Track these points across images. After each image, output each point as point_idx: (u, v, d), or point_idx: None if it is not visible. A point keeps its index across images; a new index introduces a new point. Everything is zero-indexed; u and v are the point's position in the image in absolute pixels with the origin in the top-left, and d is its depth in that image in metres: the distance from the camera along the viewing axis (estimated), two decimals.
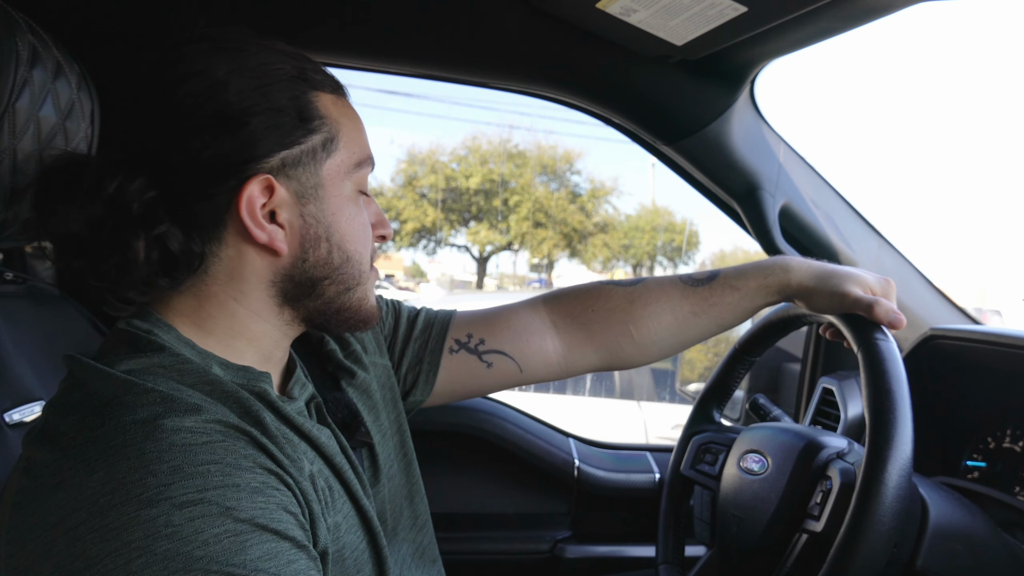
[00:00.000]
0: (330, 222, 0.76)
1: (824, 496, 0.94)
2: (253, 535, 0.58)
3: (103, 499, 0.56)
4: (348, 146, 0.77)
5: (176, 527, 0.55)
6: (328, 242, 0.76)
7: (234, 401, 0.68)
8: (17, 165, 0.87)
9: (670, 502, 1.22)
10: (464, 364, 1.05)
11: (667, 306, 1.06)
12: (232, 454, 0.61)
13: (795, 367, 1.76)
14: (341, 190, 0.77)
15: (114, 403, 0.62)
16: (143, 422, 0.60)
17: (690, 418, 1.24)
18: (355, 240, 0.78)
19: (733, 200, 1.44)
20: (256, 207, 0.71)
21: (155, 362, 0.68)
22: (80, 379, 0.67)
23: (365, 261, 0.80)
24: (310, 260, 0.75)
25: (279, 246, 0.73)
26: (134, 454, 0.58)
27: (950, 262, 18.69)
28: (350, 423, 0.87)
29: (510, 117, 25.13)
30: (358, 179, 0.79)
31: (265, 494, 0.61)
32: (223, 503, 0.57)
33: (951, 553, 0.94)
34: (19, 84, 0.84)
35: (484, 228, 20.07)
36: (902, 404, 0.86)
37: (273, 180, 0.71)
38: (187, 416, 0.61)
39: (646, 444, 1.91)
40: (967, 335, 1.28)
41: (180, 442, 0.59)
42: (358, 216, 0.78)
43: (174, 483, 0.57)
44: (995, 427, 1.22)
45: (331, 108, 0.77)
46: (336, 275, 0.77)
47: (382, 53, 1.33)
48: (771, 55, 1.19)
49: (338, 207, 0.76)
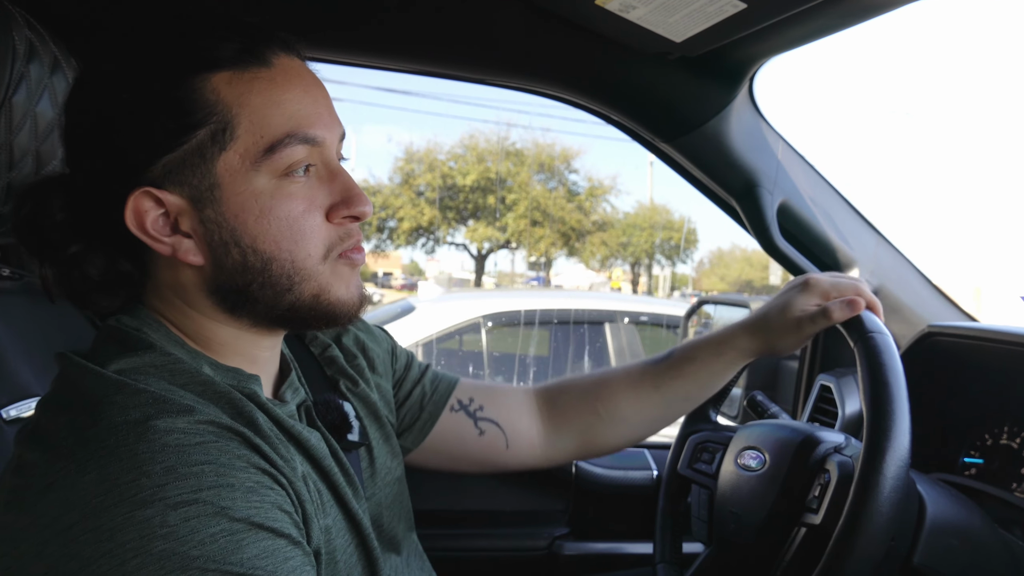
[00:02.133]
0: (234, 225, 0.68)
1: (822, 489, 0.94)
2: (249, 534, 0.58)
3: (96, 500, 0.55)
4: (252, 130, 0.67)
5: (171, 527, 0.55)
6: (238, 246, 0.68)
7: (226, 402, 0.67)
8: (13, 161, 0.86)
9: (667, 501, 1.22)
10: (459, 425, 1.05)
11: (629, 383, 1.10)
12: (225, 454, 0.60)
13: (792, 365, 1.76)
14: (247, 185, 0.67)
15: (105, 403, 0.61)
16: (135, 423, 0.59)
17: (687, 418, 1.24)
18: (274, 239, 0.68)
19: (731, 198, 1.44)
20: (147, 220, 0.67)
21: (146, 361, 0.67)
22: (71, 378, 0.66)
23: (301, 257, 0.70)
24: (227, 267, 0.69)
25: (188, 258, 0.69)
26: (127, 455, 0.57)
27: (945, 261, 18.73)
28: (340, 425, 0.84)
29: (508, 115, 25.14)
30: (276, 164, 0.67)
31: (259, 493, 0.60)
32: (218, 503, 0.57)
33: (948, 549, 0.94)
34: (16, 79, 0.84)
35: (482, 226, 20.06)
36: (899, 397, 0.86)
37: (155, 191, 0.66)
38: (179, 417, 0.60)
39: (644, 441, 1.91)
40: (965, 332, 1.28)
41: (173, 443, 0.58)
42: (276, 210, 0.68)
43: (168, 484, 0.56)
44: (992, 424, 1.22)
45: (224, 90, 0.66)
46: (263, 278, 0.69)
47: (381, 50, 1.33)
48: (770, 52, 1.19)
49: (242, 206, 0.67)
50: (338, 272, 0.73)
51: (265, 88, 0.68)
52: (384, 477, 0.93)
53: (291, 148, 0.68)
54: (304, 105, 0.70)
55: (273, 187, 0.68)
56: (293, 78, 0.70)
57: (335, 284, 0.73)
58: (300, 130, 0.68)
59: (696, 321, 2.52)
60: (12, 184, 0.87)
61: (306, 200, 0.70)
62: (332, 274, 0.73)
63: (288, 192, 0.69)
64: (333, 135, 0.73)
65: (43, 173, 0.91)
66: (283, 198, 0.68)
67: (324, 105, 0.73)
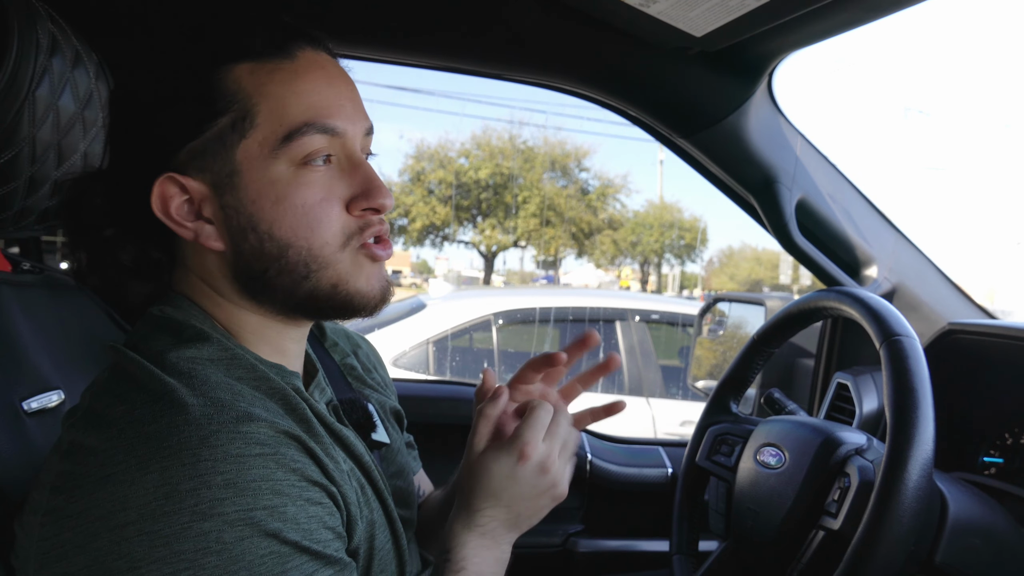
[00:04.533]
0: (251, 211, 0.69)
1: (842, 493, 0.93)
2: (293, 557, 0.60)
3: (155, 503, 0.57)
4: (271, 119, 0.68)
5: (226, 544, 0.57)
6: (255, 232, 0.69)
7: (281, 398, 0.69)
8: (36, 155, 0.87)
9: (685, 493, 1.21)
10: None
11: None
12: (282, 468, 0.61)
13: (808, 362, 1.75)
14: (265, 172, 0.68)
15: (166, 400, 0.62)
16: (198, 424, 0.60)
17: (706, 408, 1.23)
18: (290, 226, 0.69)
19: (749, 194, 1.43)
20: (172, 206, 0.69)
21: (204, 354, 0.68)
22: (128, 371, 0.66)
23: (318, 245, 0.70)
24: (245, 253, 0.70)
25: (210, 243, 0.70)
26: (189, 460, 0.58)
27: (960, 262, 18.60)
28: (364, 424, 0.86)
29: (520, 114, 25.13)
30: (293, 152, 0.68)
31: (308, 512, 0.62)
32: (270, 525, 0.59)
33: (971, 548, 0.93)
34: (39, 72, 0.84)
35: (489, 227, 20.04)
36: (924, 403, 0.85)
37: (179, 177, 0.68)
38: (241, 422, 0.61)
39: (658, 438, 1.91)
40: (985, 329, 1.27)
41: (234, 452, 0.59)
42: (292, 197, 0.69)
43: (227, 499, 0.57)
44: (1013, 423, 1.21)
45: (246, 80, 0.68)
46: (279, 264, 0.70)
47: (398, 46, 1.33)
48: (791, 47, 1.18)
49: (259, 192, 0.68)
50: (359, 263, 0.73)
51: (286, 78, 0.69)
52: (406, 476, 0.94)
53: (309, 137, 0.69)
54: (325, 96, 0.71)
55: (291, 175, 0.69)
56: (316, 70, 0.71)
57: (354, 275, 0.73)
58: (319, 120, 0.69)
59: (710, 319, 2.51)
60: (34, 178, 0.88)
61: (324, 189, 0.70)
62: (352, 264, 0.73)
63: (306, 181, 0.69)
64: (356, 128, 0.73)
65: (66, 166, 0.92)
66: (300, 186, 0.69)
67: (348, 98, 0.73)
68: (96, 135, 0.96)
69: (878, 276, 1.47)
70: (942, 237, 22.85)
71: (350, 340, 1.02)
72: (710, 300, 2.51)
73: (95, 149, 0.96)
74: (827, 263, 1.46)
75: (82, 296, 1.11)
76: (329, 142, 0.70)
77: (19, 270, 1.03)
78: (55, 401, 0.92)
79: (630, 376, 4.16)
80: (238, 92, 0.68)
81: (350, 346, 1.01)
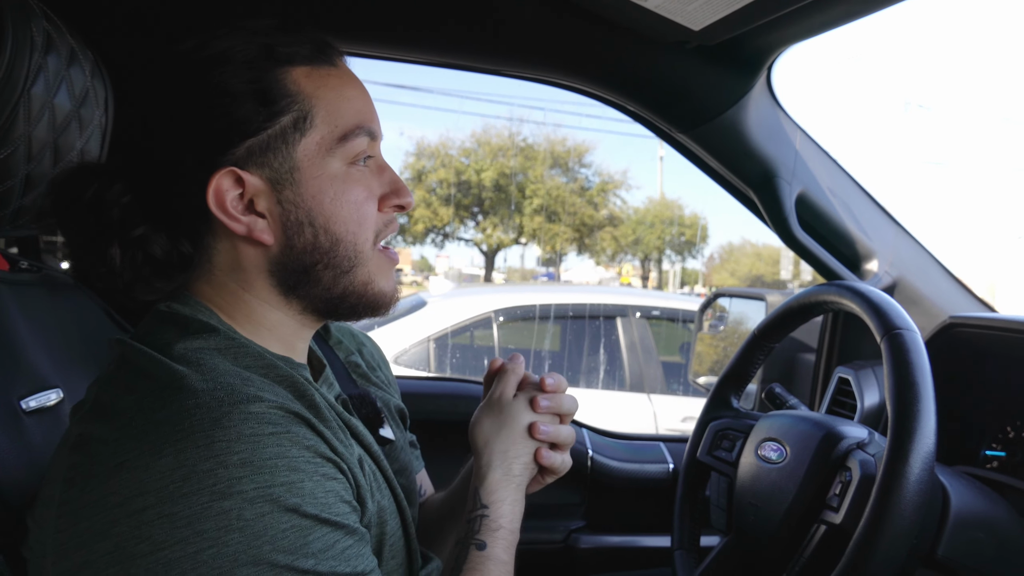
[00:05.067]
0: (310, 206, 0.72)
1: (843, 488, 0.93)
2: (315, 529, 0.61)
3: (173, 486, 0.57)
4: (328, 120, 0.73)
5: (247, 521, 0.58)
6: (312, 226, 0.73)
7: (289, 384, 0.70)
8: (32, 153, 0.86)
9: (686, 488, 1.21)
10: None
11: None
12: (295, 445, 0.62)
13: (808, 357, 1.75)
14: (323, 169, 0.73)
15: (174, 386, 0.63)
16: (208, 408, 0.60)
17: (707, 403, 1.23)
18: (343, 220, 0.74)
19: (749, 188, 1.43)
20: (227, 200, 0.71)
21: (211, 344, 0.70)
22: (135, 362, 0.67)
23: (361, 240, 0.75)
24: (297, 247, 0.73)
25: (262, 237, 0.72)
26: (203, 441, 0.59)
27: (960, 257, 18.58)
28: (374, 419, 0.87)
29: (519, 111, 25.10)
30: (346, 152, 0.74)
31: (325, 487, 0.63)
32: (289, 500, 0.60)
33: (973, 541, 0.93)
34: (34, 70, 0.84)
35: (491, 225, 20.01)
36: (926, 397, 0.85)
37: (239, 171, 0.70)
38: (251, 403, 0.62)
39: (660, 434, 1.91)
40: (986, 323, 1.27)
41: (248, 432, 0.60)
42: (347, 194, 0.74)
43: (244, 477, 0.58)
44: (1014, 416, 1.21)
45: (304, 83, 0.73)
46: (328, 259, 0.74)
47: (397, 42, 1.32)
48: (790, 40, 1.17)
49: (319, 188, 0.72)
50: (380, 264, 0.78)
51: (337, 84, 0.75)
52: (408, 475, 0.95)
53: (359, 139, 0.74)
54: (365, 103, 0.77)
55: (344, 173, 0.74)
56: (354, 79, 0.78)
57: (379, 275, 0.78)
58: (366, 123, 0.75)
59: (711, 314, 2.51)
60: (31, 176, 0.87)
61: (367, 188, 0.76)
62: (376, 264, 0.77)
63: (356, 179, 0.75)
64: (382, 132, 0.79)
65: (63, 165, 0.91)
66: (352, 183, 0.74)
67: (373, 105, 0.80)
68: (93, 133, 0.95)
69: (879, 270, 1.46)
70: (943, 231, 22.82)
71: (355, 338, 1.03)
72: (710, 296, 2.51)
73: (91, 147, 0.96)
74: (827, 257, 1.46)
75: (80, 294, 1.11)
76: (370, 145, 0.76)
77: (17, 269, 1.03)
78: (54, 400, 0.92)
79: (631, 372, 4.17)
80: (298, 93, 0.72)
81: (355, 344, 1.02)
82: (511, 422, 0.85)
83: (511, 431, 0.85)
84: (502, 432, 0.85)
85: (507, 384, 0.88)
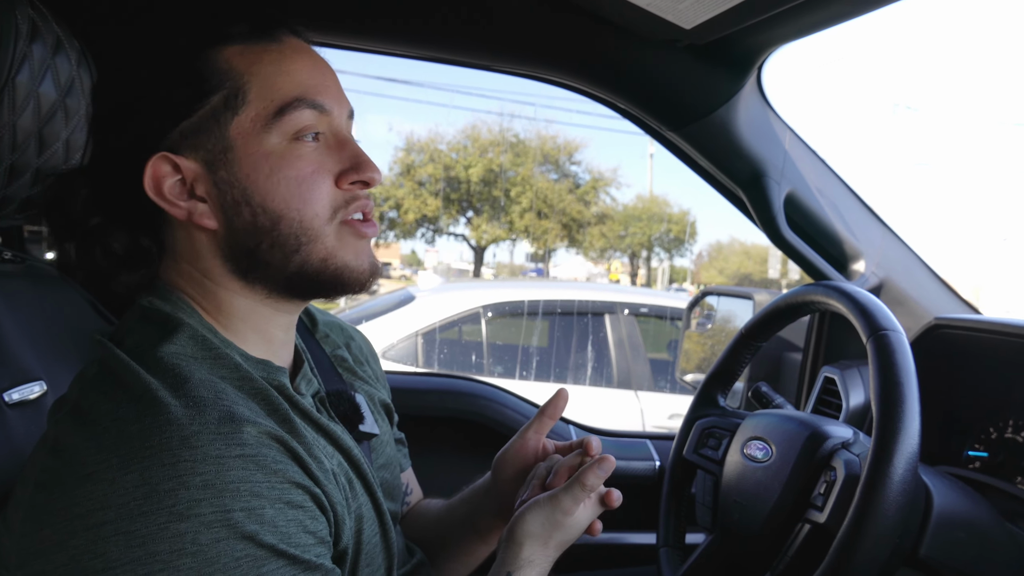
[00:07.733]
0: (245, 185, 0.70)
1: (828, 487, 0.93)
2: (269, 561, 0.60)
3: (134, 503, 0.56)
4: (262, 95, 0.70)
5: (201, 546, 0.56)
6: (249, 205, 0.70)
7: (263, 399, 0.69)
8: (16, 143, 0.85)
9: (672, 486, 1.21)
10: None
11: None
12: (262, 470, 0.61)
13: (795, 356, 1.76)
14: (259, 146, 0.70)
15: (147, 398, 0.62)
16: (179, 425, 0.59)
17: (694, 402, 1.23)
18: (282, 197, 0.70)
19: (738, 187, 1.43)
20: (164, 186, 0.70)
21: (188, 351, 0.69)
22: (112, 368, 0.66)
23: (308, 217, 0.71)
24: (238, 228, 0.71)
25: (204, 221, 0.71)
26: (169, 460, 0.58)
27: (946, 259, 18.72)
28: (352, 416, 0.86)
29: (510, 106, 25.05)
30: (285, 127, 0.71)
31: (287, 515, 0.62)
32: (247, 527, 0.58)
33: (955, 541, 0.93)
34: (19, 58, 0.83)
35: (484, 221, 19.96)
36: (910, 397, 0.85)
37: (173, 156, 0.70)
38: (222, 423, 0.61)
39: (646, 431, 1.91)
40: (971, 324, 1.28)
41: (215, 454, 0.59)
42: (285, 169, 0.71)
43: (204, 500, 0.57)
44: (997, 417, 1.22)
45: (236, 60, 0.71)
46: (272, 238, 0.71)
47: (386, 36, 1.32)
48: (780, 40, 1.18)
49: (253, 166, 0.70)
50: (343, 238, 0.74)
51: (275, 59, 0.72)
52: (392, 469, 0.95)
53: (300, 112, 0.71)
54: (312, 76, 0.74)
55: (283, 149, 0.71)
56: (302, 54, 0.75)
57: (341, 249, 0.74)
58: (308, 95, 0.72)
59: (699, 312, 2.51)
60: (15, 166, 0.86)
61: (315, 163, 0.72)
62: (337, 238, 0.74)
63: (298, 154, 0.71)
64: (341, 109, 0.76)
65: (48, 154, 0.90)
66: (293, 159, 0.71)
67: (332, 80, 0.76)
68: (78, 123, 0.94)
69: (865, 271, 1.47)
70: (929, 232, 22.99)
71: (343, 332, 1.02)
72: (698, 294, 2.51)
73: (77, 137, 0.95)
74: (815, 257, 1.46)
75: (65, 286, 1.10)
76: (317, 119, 0.73)
77: (1, 260, 1.02)
78: (37, 392, 0.91)
79: (619, 369, 4.17)
80: (229, 71, 0.70)
81: (343, 338, 1.01)
82: (573, 531, 0.83)
83: (568, 537, 0.83)
84: (556, 535, 0.82)
85: (575, 499, 0.82)
